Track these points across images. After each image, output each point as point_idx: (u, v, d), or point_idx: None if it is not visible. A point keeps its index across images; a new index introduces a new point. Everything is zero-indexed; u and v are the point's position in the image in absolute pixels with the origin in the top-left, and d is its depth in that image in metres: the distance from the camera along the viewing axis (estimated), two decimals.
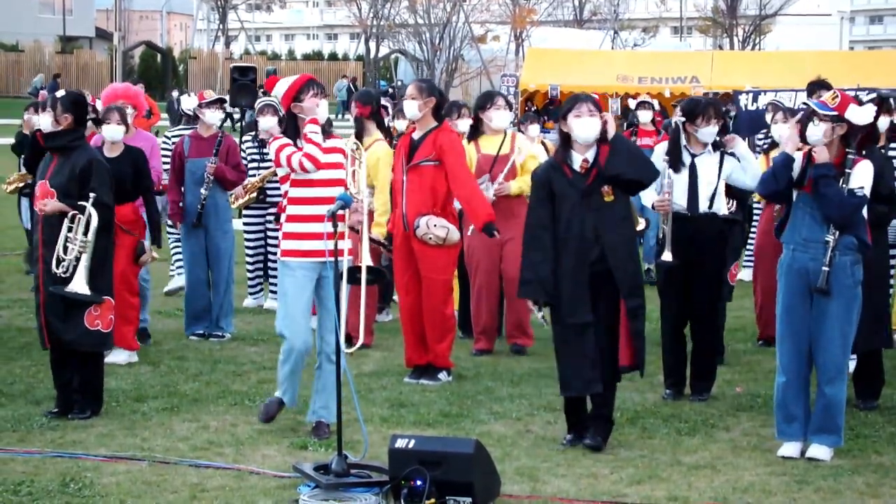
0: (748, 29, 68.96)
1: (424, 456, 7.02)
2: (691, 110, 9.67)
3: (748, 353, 11.44)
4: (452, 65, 55.38)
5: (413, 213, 10.00)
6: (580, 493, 7.33)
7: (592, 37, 55.68)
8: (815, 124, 7.94)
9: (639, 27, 72.93)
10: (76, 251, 8.82)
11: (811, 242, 7.96)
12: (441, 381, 10.10)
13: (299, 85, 8.54)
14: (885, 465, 7.96)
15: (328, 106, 8.69)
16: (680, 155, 9.63)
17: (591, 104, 8.31)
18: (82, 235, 8.82)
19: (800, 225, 8.01)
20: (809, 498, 7.28)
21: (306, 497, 7.10)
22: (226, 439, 8.45)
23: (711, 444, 8.42)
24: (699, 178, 9.59)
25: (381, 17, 61.53)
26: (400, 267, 10.21)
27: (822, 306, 7.98)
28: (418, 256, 10.05)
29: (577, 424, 8.44)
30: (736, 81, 24.58)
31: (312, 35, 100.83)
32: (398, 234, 10.16)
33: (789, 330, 8.10)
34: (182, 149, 11.94)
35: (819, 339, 8.02)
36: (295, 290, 8.48)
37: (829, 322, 7.98)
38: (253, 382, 10.16)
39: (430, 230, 9.94)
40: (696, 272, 9.56)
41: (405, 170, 10.03)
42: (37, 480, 7.45)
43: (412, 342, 10.23)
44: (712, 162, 9.65)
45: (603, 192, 8.20)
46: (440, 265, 10.06)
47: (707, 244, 9.58)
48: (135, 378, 10.23)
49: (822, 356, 8.03)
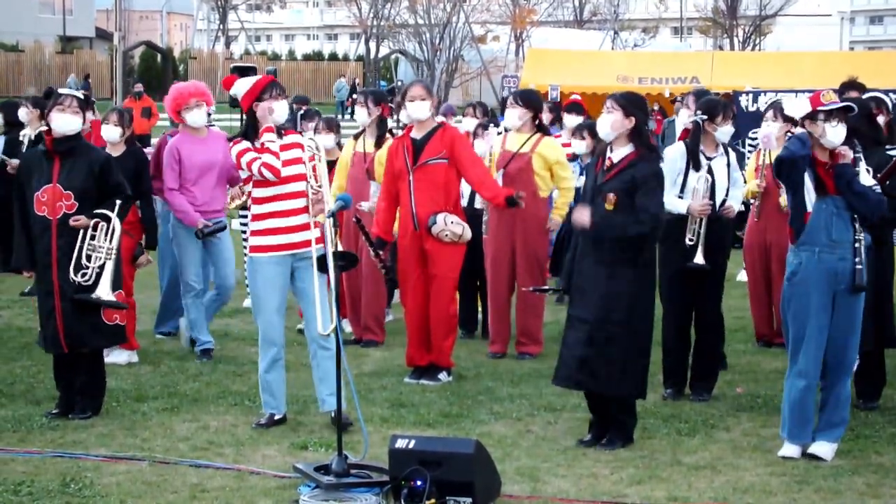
0: (748, 29, 68.97)
1: (425, 456, 7.01)
2: (711, 109, 9.65)
3: (748, 354, 11.44)
4: (452, 65, 55.39)
5: (425, 211, 9.97)
6: (580, 493, 7.33)
7: (592, 37, 55.69)
8: (832, 125, 7.88)
9: (639, 27, 72.94)
10: (101, 258, 8.81)
11: (840, 243, 7.93)
12: (441, 381, 10.10)
13: (261, 86, 8.74)
14: (886, 465, 7.96)
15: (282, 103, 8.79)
16: (698, 154, 9.62)
17: (612, 101, 8.30)
18: (108, 243, 8.82)
19: (826, 227, 7.92)
20: (810, 498, 7.27)
21: (306, 497, 7.10)
22: (226, 439, 8.45)
23: (712, 445, 8.41)
24: (716, 182, 9.60)
25: (381, 18, 61.51)
26: (409, 267, 10.14)
27: (849, 305, 7.97)
28: (430, 255, 10.03)
29: (597, 424, 8.44)
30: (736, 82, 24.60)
31: (313, 35, 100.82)
32: (407, 234, 10.10)
33: (817, 333, 8.00)
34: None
35: (841, 338, 8.00)
36: (266, 289, 8.73)
37: (852, 320, 8.00)
38: (253, 382, 10.13)
39: (448, 227, 9.93)
40: (705, 274, 9.57)
41: (411, 170, 10.02)
42: (37, 480, 7.44)
43: (416, 342, 10.22)
44: (724, 164, 9.67)
45: (606, 197, 8.20)
46: (452, 263, 10.08)
47: (715, 247, 9.60)
48: (135, 378, 10.23)
49: (842, 354, 8.03)
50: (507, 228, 11.12)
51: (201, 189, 10.94)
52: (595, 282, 8.20)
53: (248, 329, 12.36)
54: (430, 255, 10.05)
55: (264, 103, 8.70)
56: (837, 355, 8.04)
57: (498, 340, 11.38)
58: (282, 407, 8.87)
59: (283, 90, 8.88)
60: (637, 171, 8.17)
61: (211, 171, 10.97)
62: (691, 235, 9.55)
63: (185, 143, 11.01)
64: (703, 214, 9.53)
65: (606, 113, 8.29)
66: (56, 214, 8.82)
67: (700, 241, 9.52)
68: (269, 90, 8.71)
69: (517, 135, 11.26)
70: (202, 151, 10.98)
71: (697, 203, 9.52)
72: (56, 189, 8.83)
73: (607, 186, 8.20)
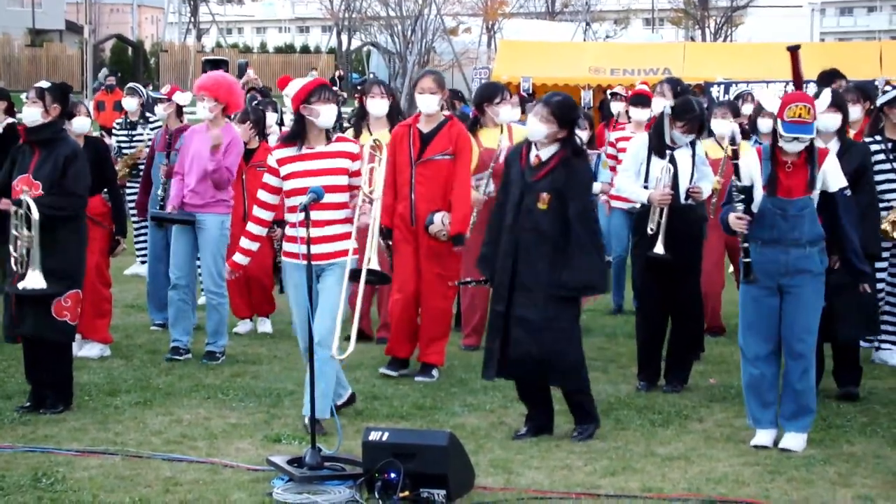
0: (720, 20, 69.12)
1: (398, 448, 7.01)
2: (678, 110, 9.68)
3: (720, 345, 11.47)
4: (424, 57, 55.27)
5: (425, 208, 9.89)
6: (554, 484, 7.33)
7: (564, 29, 55.66)
8: (832, 113, 7.98)
9: (610, 19, 72.99)
10: (24, 247, 8.75)
11: (782, 240, 7.97)
12: (434, 378, 10.07)
13: (309, 89, 8.42)
14: (857, 454, 8.00)
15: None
16: (663, 142, 9.65)
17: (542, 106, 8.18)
18: (26, 231, 8.73)
19: (770, 226, 7.98)
20: (782, 488, 7.30)
21: (280, 490, 7.09)
22: (199, 433, 8.42)
23: (685, 436, 8.44)
24: (680, 172, 9.63)
25: (352, 10, 61.40)
26: (402, 261, 10.06)
27: (795, 297, 8.00)
28: (425, 253, 9.94)
29: (529, 414, 8.47)
30: (708, 73, 24.58)
31: (284, 28, 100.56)
32: (402, 229, 10.01)
33: (758, 321, 8.11)
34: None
35: (792, 327, 8.04)
36: (294, 293, 8.50)
37: (801, 310, 8.02)
38: (226, 376, 10.13)
39: (446, 227, 9.84)
40: (677, 264, 9.58)
41: (415, 163, 9.91)
42: (8, 475, 7.40)
43: (399, 336, 10.15)
44: (688, 156, 9.72)
45: (540, 196, 8.14)
46: (447, 262, 10.00)
47: (684, 236, 9.60)
48: (107, 372, 10.19)
49: (791, 342, 8.07)
50: (483, 224, 11.12)
51: (189, 180, 10.74)
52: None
53: None
54: (426, 253, 9.96)
55: (312, 106, 8.40)
56: (787, 344, 8.10)
57: (472, 333, 11.39)
58: (345, 390, 8.87)
59: (334, 94, 8.56)
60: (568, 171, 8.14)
61: (198, 163, 10.73)
62: (653, 225, 9.58)
63: (195, 133, 10.94)
64: (663, 203, 9.55)
65: (535, 117, 8.19)
66: None
67: (661, 231, 9.54)
68: (317, 93, 8.41)
69: (492, 130, 11.08)
70: (200, 141, 10.77)
71: (658, 192, 9.55)
72: (27, 179, 8.85)
73: (540, 186, 8.13)
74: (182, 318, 10.84)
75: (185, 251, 10.82)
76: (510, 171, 8.37)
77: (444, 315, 10.15)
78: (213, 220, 10.72)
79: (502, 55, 32.01)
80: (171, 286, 10.89)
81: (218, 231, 10.71)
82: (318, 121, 8.39)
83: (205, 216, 10.70)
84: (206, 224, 10.71)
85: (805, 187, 7.97)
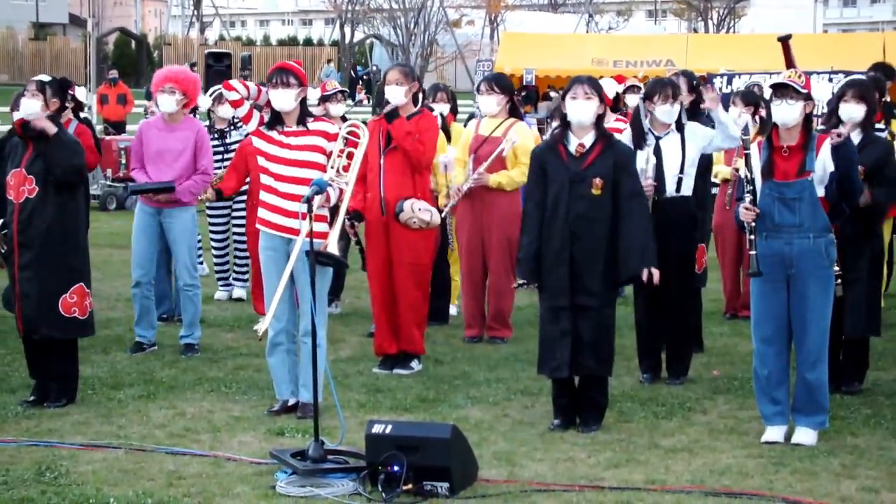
0: (723, 12, 69.03)
1: (401, 441, 7.00)
2: (648, 89, 9.74)
3: (724, 337, 11.46)
4: (427, 49, 55.28)
5: (393, 196, 9.89)
6: (557, 477, 7.33)
7: (567, 21, 55.67)
8: (776, 104, 7.94)
9: (613, 11, 72.92)
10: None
11: (783, 227, 7.94)
12: (414, 370, 10.05)
13: (269, 74, 8.81)
14: (861, 446, 7.99)
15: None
16: (642, 133, 9.63)
17: (587, 86, 8.28)
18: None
19: (769, 211, 7.96)
20: (786, 480, 7.29)
21: (283, 483, 7.09)
22: (202, 426, 8.43)
23: (688, 428, 8.43)
24: (664, 160, 9.59)
25: (355, 2, 61.36)
26: (374, 252, 10.05)
27: (802, 290, 7.97)
28: (395, 241, 9.91)
29: (565, 408, 8.44)
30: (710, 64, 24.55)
31: (287, 21, 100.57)
32: (373, 218, 10.00)
33: (766, 316, 8.09)
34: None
35: (800, 323, 8.01)
36: (266, 266, 8.77)
37: (809, 305, 7.98)
38: (229, 369, 10.14)
39: (416, 214, 9.83)
40: (664, 256, 9.54)
41: (383, 153, 9.96)
42: (12, 469, 7.40)
43: (384, 330, 10.10)
44: (676, 142, 9.65)
45: (594, 183, 8.19)
46: (418, 249, 9.98)
47: (674, 227, 9.56)
48: (111, 366, 10.20)
49: (804, 339, 8.03)
50: (478, 215, 11.15)
51: (155, 175, 10.71)
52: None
53: (223, 315, 12.37)
54: (396, 242, 9.91)
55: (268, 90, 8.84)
56: (800, 339, 8.06)
57: (473, 325, 11.38)
58: (284, 392, 8.84)
59: (287, 80, 8.65)
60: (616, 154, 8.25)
61: (163, 160, 10.73)
62: None
63: (151, 128, 10.94)
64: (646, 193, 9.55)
65: (585, 100, 8.22)
66: (19, 199, 8.80)
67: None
68: (270, 79, 8.73)
69: (490, 119, 11.23)
70: (161, 139, 10.79)
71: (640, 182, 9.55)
72: (20, 173, 8.81)
73: (590, 172, 8.17)
74: (146, 313, 10.85)
75: (146, 249, 10.84)
76: (546, 167, 8.33)
77: (418, 303, 10.09)
78: (183, 213, 10.81)
79: (505, 47, 32.02)
80: (133, 284, 10.88)
81: (189, 223, 10.84)
82: (274, 105, 8.74)
83: (174, 210, 10.77)
84: (176, 217, 10.78)
85: (799, 170, 7.94)
